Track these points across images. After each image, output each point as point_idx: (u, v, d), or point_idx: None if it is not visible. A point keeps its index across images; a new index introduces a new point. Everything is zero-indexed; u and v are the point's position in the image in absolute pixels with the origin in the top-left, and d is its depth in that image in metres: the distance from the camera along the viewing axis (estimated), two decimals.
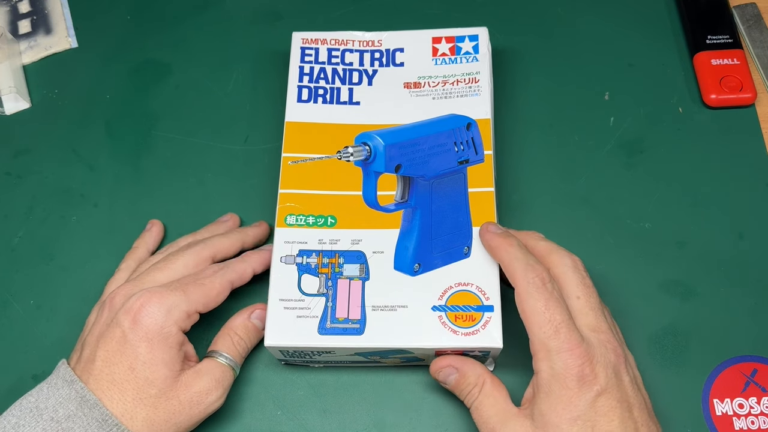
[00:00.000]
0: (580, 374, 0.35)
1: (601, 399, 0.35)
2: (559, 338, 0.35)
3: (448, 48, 0.48)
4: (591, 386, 0.35)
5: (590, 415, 0.35)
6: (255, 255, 0.44)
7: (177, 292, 0.40)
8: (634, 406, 0.36)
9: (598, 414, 0.35)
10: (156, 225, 0.48)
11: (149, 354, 0.38)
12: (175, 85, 0.54)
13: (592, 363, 0.35)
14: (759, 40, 0.53)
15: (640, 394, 0.37)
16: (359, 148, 0.41)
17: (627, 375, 0.36)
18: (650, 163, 0.49)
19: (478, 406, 0.38)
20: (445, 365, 0.39)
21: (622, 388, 0.36)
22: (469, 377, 0.39)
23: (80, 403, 0.37)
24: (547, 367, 0.36)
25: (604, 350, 0.36)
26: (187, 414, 0.39)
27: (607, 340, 0.36)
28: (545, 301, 0.36)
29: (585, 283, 0.38)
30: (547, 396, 0.35)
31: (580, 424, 0.35)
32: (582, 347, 0.35)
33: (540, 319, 0.36)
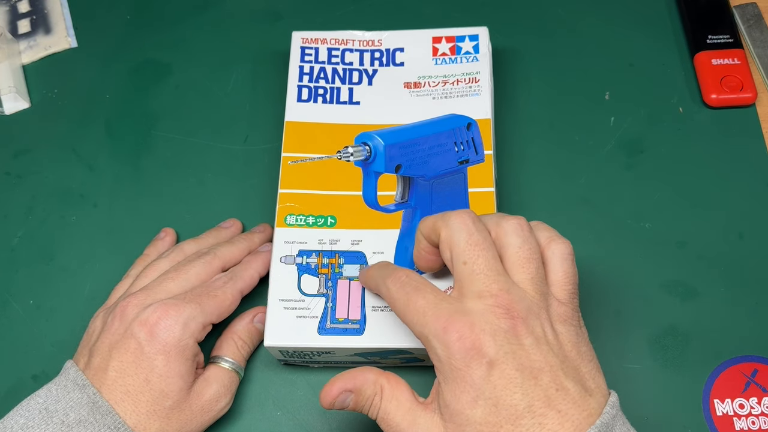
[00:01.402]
0: (462, 349, 0.31)
1: (494, 371, 0.31)
2: (429, 323, 0.32)
3: (449, 48, 0.48)
4: (479, 360, 0.31)
5: (489, 391, 0.31)
6: (257, 259, 0.44)
7: (193, 305, 0.40)
8: (543, 371, 0.31)
9: (496, 388, 0.31)
10: (169, 235, 0.48)
11: (166, 367, 0.38)
12: (174, 85, 0.54)
13: (474, 334, 0.31)
14: (759, 39, 0.53)
15: (554, 354, 0.32)
16: (359, 148, 0.41)
17: (530, 336, 0.32)
18: (650, 163, 0.49)
19: (384, 416, 0.35)
20: (337, 393, 0.35)
21: (521, 354, 0.31)
22: (365, 391, 0.35)
23: (92, 408, 0.37)
24: (434, 356, 0.33)
25: (490, 317, 0.32)
26: (199, 422, 0.39)
27: (496, 303, 0.32)
28: (405, 296, 0.34)
29: (470, 242, 0.34)
30: (445, 383, 0.32)
31: (482, 404, 0.31)
32: (458, 321, 0.32)
33: (409, 316, 0.34)
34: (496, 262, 0.34)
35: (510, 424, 0.31)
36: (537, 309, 0.33)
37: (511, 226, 0.35)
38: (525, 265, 0.34)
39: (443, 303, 0.33)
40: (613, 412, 0.32)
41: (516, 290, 0.33)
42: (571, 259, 0.35)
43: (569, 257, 0.35)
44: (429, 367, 0.43)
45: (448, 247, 0.34)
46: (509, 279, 0.33)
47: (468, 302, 0.33)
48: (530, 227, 0.35)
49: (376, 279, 0.37)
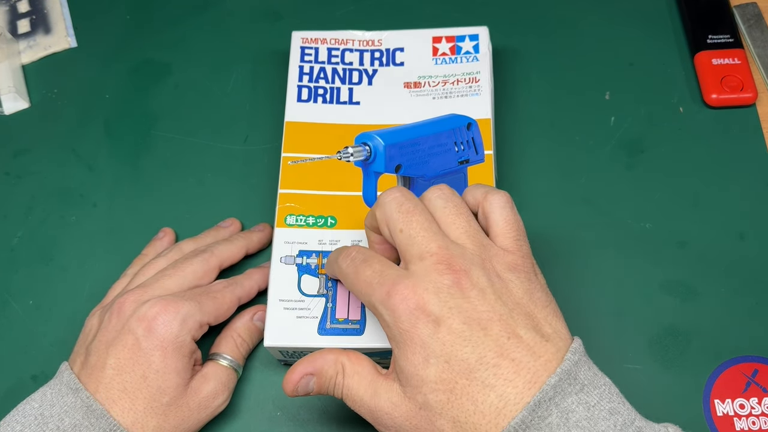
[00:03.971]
0: (407, 311, 0.31)
1: (442, 328, 0.31)
2: (375, 290, 0.33)
3: (449, 48, 0.48)
4: (424, 318, 0.31)
5: (439, 348, 0.31)
6: (258, 271, 0.45)
7: (191, 302, 0.40)
8: (491, 321, 0.31)
9: (447, 344, 0.31)
10: (168, 234, 0.48)
11: (163, 363, 0.38)
12: (174, 84, 0.54)
13: (417, 293, 0.31)
14: (760, 39, 0.52)
15: (503, 303, 0.32)
16: (359, 148, 0.41)
17: (474, 289, 0.32)
18: (651, 163, 0.49)
19: (347, 393, 0.34)
20: (298, 378, 0.35)
21: (466, 308, 0.31)
22: (326, 371, 0.35)
23: (86, 412, 0.36)
24: (383, 323, 0.33)
25: (433, 275, 0.32)
26: (196, 419, 0.39)
27: (437, 261, 0.32)
28: (353, 269, 0.34)
29: (402, 210, 0.34)
30: (398, 349, 0.32)
31: (434, 362, 0.31)
32: (401, 284, 0.32)
33: (359, 286, 0.34)
34: (430, 223, 0.34)
35: (464, 379, 0.31)
36: (479, 260, 0.33)
37: (433, 192, 0.36)
38: (455, 221, 0.34)
39: (389, 270, 0.33)
40: (575, 357, 0.31)
41: (454, 246, 0.33)
42: (509, 206, 0.35)
43: (507, 205, 0.35)
44: None
45: (385, 224, 0.35)
46: (447, 237, 0.34)
47: (411, 266, 0.33)
48: (451, 189, 0.36)
49: (331, 261, 0.38)
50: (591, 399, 0.30)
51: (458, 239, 0.34)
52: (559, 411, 0.30)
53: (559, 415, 0.30)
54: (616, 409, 0.30)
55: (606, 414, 0.30)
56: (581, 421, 0.30)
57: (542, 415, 0.30)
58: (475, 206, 0.36)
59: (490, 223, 0.35)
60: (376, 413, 0.33)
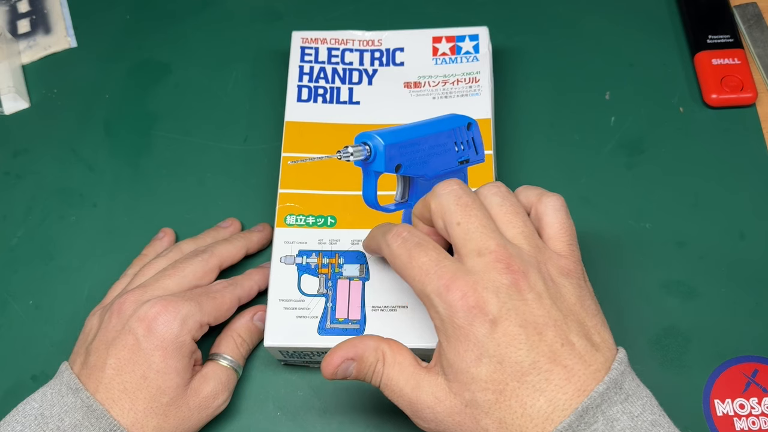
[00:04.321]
0: (465, 307, 0.31)
1: (498, 328, 0.31)
2: (432, 280, 0.32)
3: (449, 47, 0.48)
4: (482, 317, 0.31)
5: (493, 348, 0.30)
6: (258, 272, 0.45)
7: (191, 302, 0.40)
8: (547, 326, 0.31)
9: (501, 345, 0.30)
10: (168, 235, 0.48)
11: (163, 363, 0.38)
12: (174, 84, 0.54)
13: (477, 291, 0.31)
14: (760, 39, 0.52)
15: (558, 309, 0.32)
16: (359, 147, 0.41)
17: (531, 291, 0.31)
18: (651, 163, 0.49)
19: (387, 382, 0.34)
20: (338, 362, 0.34)
21: (524, 310, 0.31)
22: (368, 358, 0.34)
23: (86, 412, 0.36)
24: (435, 314, 0.32)
25: (492, 273, 0.31)
26: (196, 419, 0.39)
27: (496, 259, 0.32)
28: (407, 252, 0.33)
29: (460, 204, 0.33)
30: (448, 343, 0.32)
31: (487, 362, 0.31)
32: (460, 279, 0.31)
33: (410, 272, 0.33)
34: (488, 220, 0.33)
35: (515, 381, 0.30)
36: (535, 262, 0.32)
37: (489, 189, 0.35)
38: (512, 220, 0.34)
39: (446, 261, 0.32)
40: (622, 368, 0.31)
41: (512, 246, 0.33)
42: (564, 210, 0.35)
43: (562, 208, 0.35)
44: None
45: (440, 216, 0.34)
46: (503, 236, 0.33)
47: (468, 261, 0.32)
48: (507, 189, 0.36)
49: (377, 237, 0.36)
50: (635, 409, 0.31)
51: (514, 239, 0.33)
52: (605, 419, 0.30)
53: (604, 422, 0.30)
54: (657, 421, 0.31)
55: (648, 425, 0.30)
56: (625, 430, 0.30)
57: (588, 421, 0.30)
58: (528, 207, 0.36)
59: (543, 225, 0.35)
60: (416, 406, 0.33)
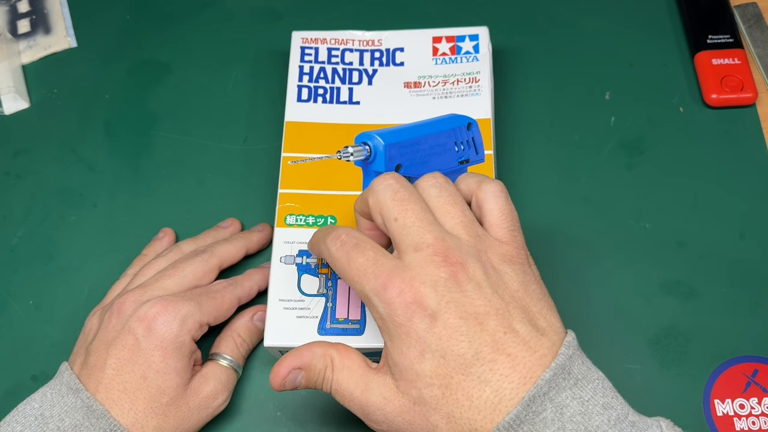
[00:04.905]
0: (403, 305, 0.31)
1: (438, 322, 0.30)
2: (369, 280, 0.32)
3: (449, 47, 0.48)
4: (421, 313, 0.30)
5: (435, 343, 0.30)
6: (258, 272, 0.45)
7: (191, 302, 0.40)
8: (488, 315, 0.31)
9: (443, 339, 0.30)
10: (168, 235, 0.48)
11: (163, 363, 0.38)
12: (174, 84, 0.54)
13: (414, 287, 0.31)
14: (760, 39, 0.52)
15: (499, 296, 0.31)
16: (359, 147, 0.41)
17: (470, 282, 0.31)
18: (651, 163, 0.49)
19: (337, 388, 0.34)
20: (285, 373, 0.34)
21: (463, 302, 0.31)
22: (315, 365, 0.34)
23: (87, 412, 0.36)
24: (376, 314, 0.32)
25: (429, 267, 0.31)
26: (196, 419, 0.39)
27: (433, 252, 0.31)
28: (345, 254, 0.33)
29: (396, 198, 0.33)
30: (391, 342, 0.31)
31: (430, 357, 0.30)
32: (397, 276, 0.31)
33: (350, 274, 0.33)
34: (426, 213, 0.33)
35: (460, 374, 0.30)
36: (475, 252, 0.32)
37: (426, 181, 0.35)
38: (450, 211, 0.33)
39: (383, 259, 0.32)
40: (569, 352, 0.31)
41: (450, 237, 0.32)
42: (504, 196, 0.35)
43: (501, 194, 0.35)
44: None
45: (377, 211, 0.34)
46: (442, 228, 0.33)
47: (406, 257, 0.32)
48: (446, 178, 0.35)
49: (317, 241, 0.36)
50: (585, 394, 0.30)
51: (453, 229, 0.33)
52: (553, 406, 0.30)
53: (553, 410, 0.30)
54: (609, 403, 0.30)
55: (600, 409, 0.30)
56: (575, 416, 0.30)
57: (537, 410, 0.29)
58: (468, 195, 0.36)
59: (483, 213, 0.34)
60: (367, 408, 0.33)
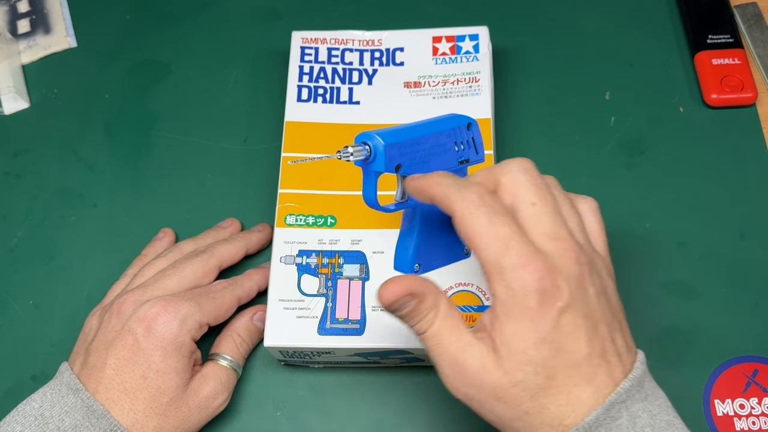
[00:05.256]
0: (540, 290, 0.30)
1: (565, 316, 0.30)
2: (510, 254, 0.30)
3: (449, 47, 0.48)
4: (553, 302, 0.30)
5: (556, 335, 0.30)
6: (258, 272, 0.45)
7: (191, 303, 0.40)
8: (600, 322, 0.31)
9: (563, 333, 0.30)
10: (168, 235, 0.48)
11: (162, 363, 0.38)
12: (174, 84, 0.54)
13: (553, 276, 0.30)
14: (760, 39, 0.52)
15: (608, 306, 0.32)
16: (359, 147, 0.41)
17: (592, 286, 0.32)
18: (651, 163, 0.49)
19: (434, 333, 0.32)
20: (401, 294, 0.32)
21: (587, 302, 0.31)
22: (426, 303, 0.32)
23: (87, 412, 0.36)
24: (503, 289, 0.31)
25: (565, 261, 0.31)
26: (196, 419, 0.39)
27: (568, 247, 0.31)
28: (487, 216, 0.31)
29: (537, 184, 0.32)
30: (508, 320, 0.31)
31: (546, 347, 0.30)
32: (539, 260, 0.30)
33: (485, 238, 0.31)
34: (558, 207, 0.33)
35: (568, 370, 0.31)
36: (594, 258, 0.33)
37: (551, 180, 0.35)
38: (569, 213, 0.33)
39: (524, 237, 0.31)
40: (643, 368, 0.32)
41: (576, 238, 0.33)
42: (599, 212, 0.36)
43: (598, 210, 0.36)
44: (429, 367, 0.43)
45: (509, 192, 0.33)
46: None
47: (540, 243, 0.31)
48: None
49: (445, 186, 0.33)
50: (653, 408, 0.31)
51: (573, 231, 0.33)
52: (628, 414, 0.31)
53: (628, 417, 0.31)
54: (672, 422, 0.32)
55: (664, 424, 0.31)
56: (645, 427, 0.31)
57: (614, 416, 0.30)
58: None
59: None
60: (461, 367, 0.32)
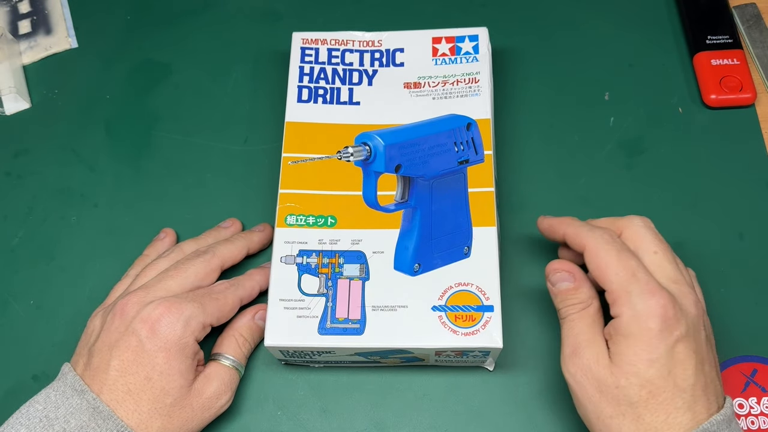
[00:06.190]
0: (663, 316, 0.35)
1: (680, 345, 0.35)
2: (639, 282, 0.36)
3: (448, 48, 0.48)
4: (672, 330, 0.35)
5: (668, 359, 0.34)
6: (259, 272, 0.45)
7: (194, 304, 0.40)
8: (706, 361, 0.35)
9: (676, 360, 0.34)
10: (169, 235, 0.48)
11: (166, 364, 0.38)
12: (174, 85, 0.54)
13: (675, 309, 0.35)
14: (759, 40, 0.53)
15: (712, 352, 0.37)
16: (359, 148, 0.41)
17: (704, 330, 0.36)
18: (650, 163, 0.49)
19: (576, 319, 0.38)
20: (563, 269, 0.39)
21: (699, 341, 0.36)
22: (581, 293, 0.38)
23: (92, 413, 0.37)
24: (628, 310, 0.35)
25: (685, 300, 0.36)
26: (199, 419, 0.40)
27: (688, 292, 0.37)
28: (617, 252, 0.37)
29: (659, 238, 0.39)
30: (626, 338, 0.35)
31: (658, 367, 0.34)
32: (663, 292, 0.35)
33: (615, 268, 0.36)
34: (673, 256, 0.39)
35: (671, 392, 0.34)
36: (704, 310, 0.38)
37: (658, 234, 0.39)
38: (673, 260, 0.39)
39: (646, 272, 0.36)
40: (732, 410, 0.35)
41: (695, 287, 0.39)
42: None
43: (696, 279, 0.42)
44: (429, 367, 0.44)
45: (634, 242, 0.38)
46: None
47: (663, 283, 0.36)
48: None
49: (576, 226, 0.39)
50: None
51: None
52: None
53: None
54: None
55: None
56: None
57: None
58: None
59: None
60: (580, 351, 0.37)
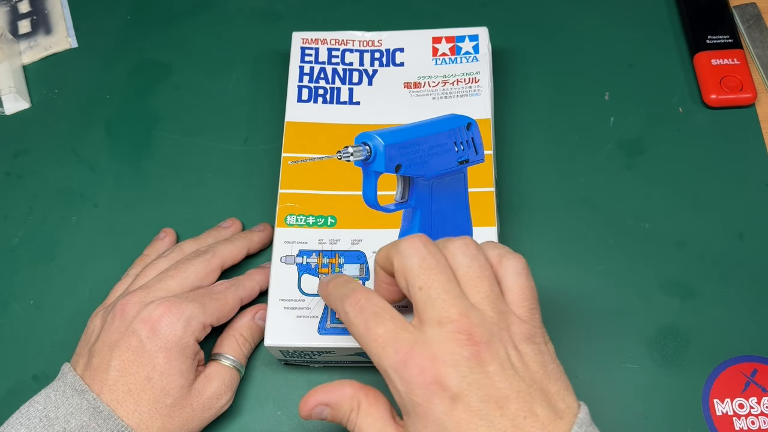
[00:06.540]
0: (423, 384, 0.30)
1: (458, 406, 0.30)
2: (388, 354, 0.31)
3: (448, 48, 0.48)
4: (441, 394, 0.30)
5: (453, 426, 0.30)
6: (260, 272, 0.45)
7: (195, 304, 0.40)
8: (509, 399, 0.30)
9: (461, 423, 0.29)
10: (169, 235, 0.48)
11: (167, 364, 0.38)
12: (174, 85, 0.54)
13: (435, 366, 0.30)
14: (759, 40, 0.53)
15: (520, 379, 0.31)
16: (359, 148, 0.41)
17: (494, 363, 0.30)
18: (650, 163, 0.49)
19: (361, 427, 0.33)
20: (313, 406, 0.34)
21: (486, 383, 0.30)
22: (342, 406, 0.34)
23: (93, 413, 0.37)
24: (394, 390, 0.31)
25: (452, 345, 0.30)
26: (200, 419, 0.40)
27: (457, 329, 0.30)
28: (365, 324, 0.32)
29: (424, 266, 0.32)
30: (407, 418, 0.31)
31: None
32: (417, 353, 0.30)
33: (368, 344, 0.32)
34: (452, 285, 0.32)
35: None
36: (498, 330, 0.31)
37: (458, 246, 0.33)
38: (478, 284, 0.32)
39: (403, 333, 0.31)
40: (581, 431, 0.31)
41: (475, 313, 0.31)
42: (525, 273, 0.34)
43: (523, 271, 0.34)
44: None
45: (402, 275, 0.33)
46: (467, 301, 0.32)
47: (428, 330, 0.31)
48: (477, 246, 0.34)
49: (335, 298, 0.35)
50: None
51: (478, 303, 0.32)
52: None
53: None
54: None
55: None
56: None
57: None
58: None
59: (503, 288, 0.33)
60: None
